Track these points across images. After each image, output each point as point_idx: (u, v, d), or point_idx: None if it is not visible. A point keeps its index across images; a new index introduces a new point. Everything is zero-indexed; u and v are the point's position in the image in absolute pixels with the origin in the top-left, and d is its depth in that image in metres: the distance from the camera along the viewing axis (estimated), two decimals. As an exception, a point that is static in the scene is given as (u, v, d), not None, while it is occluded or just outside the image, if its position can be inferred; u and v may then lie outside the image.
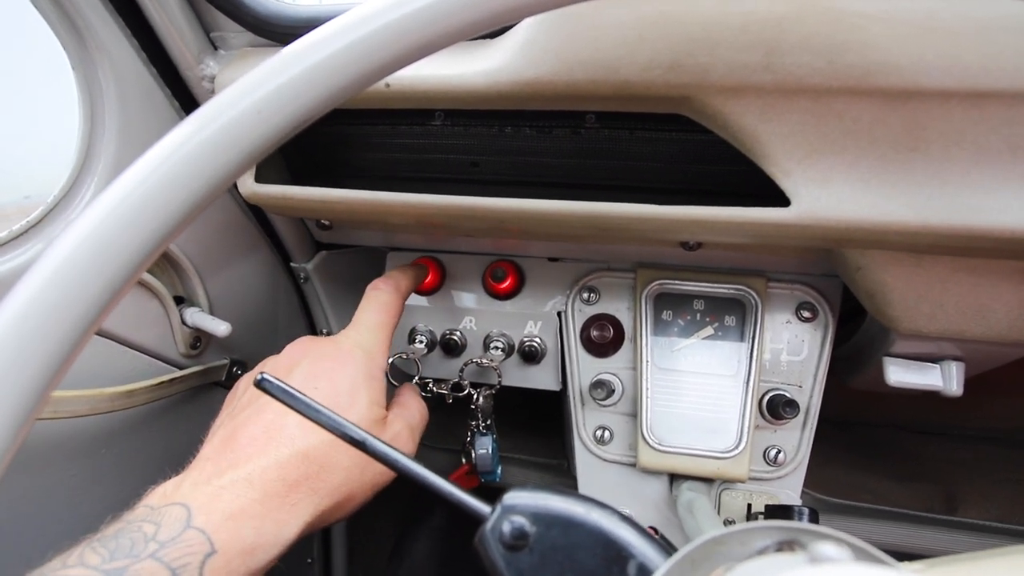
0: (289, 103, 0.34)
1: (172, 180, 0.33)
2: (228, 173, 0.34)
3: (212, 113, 0.34)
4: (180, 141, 0.33)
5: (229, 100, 0.34)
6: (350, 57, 0.34)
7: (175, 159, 0.33)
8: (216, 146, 0.33)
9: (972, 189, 0.52)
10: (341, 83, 0.35)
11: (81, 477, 0.68)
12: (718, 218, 0.59)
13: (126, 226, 0.31)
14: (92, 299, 0.30)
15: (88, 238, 0.30)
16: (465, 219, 0.69)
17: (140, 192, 0.32)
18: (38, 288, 0.29)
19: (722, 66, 0.52)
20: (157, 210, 0.32)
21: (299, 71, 0.34)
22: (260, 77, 0.34)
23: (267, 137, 0.34)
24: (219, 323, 0.77)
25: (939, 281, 0.62)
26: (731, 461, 0.74)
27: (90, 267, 0.30)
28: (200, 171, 0.33)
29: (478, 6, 0.35)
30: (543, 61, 0.56)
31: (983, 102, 0.50)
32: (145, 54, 0.68)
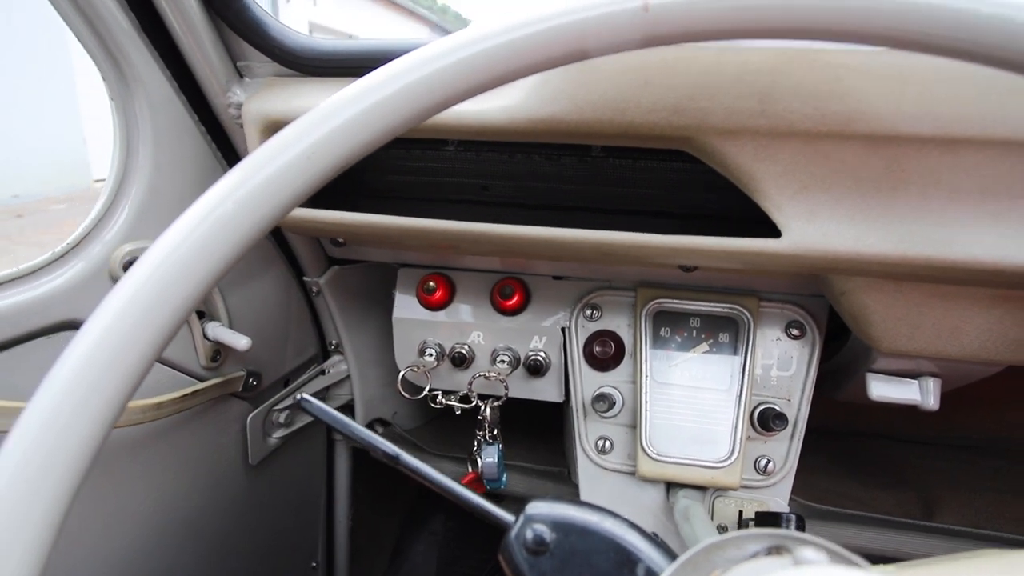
0: (337, 147, 0.39)
1: (226, 224, 0.37)
2: (277, 214, 0.38)
3: (264, 158, 0.38)
4: (233, 185, 0.37)
5: (282, 144, 0.38)
6: (394, 105, 0.39)
7: (230, 203, 0.37)
8: (265, 191, 0.38)
9: (947, 225, 0.57)
10: (382, 129, 0.39)
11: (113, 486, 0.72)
12: (714, 248, 0.63)
13: (187, 264, 0.35)
14: (157, 329, 0.34)
15: (152, 276, 0.34)
16: (475, 243, 0.73)
17: (199, 233, 0.36)
18: (110, 319, 0.33)
19: (720, 111, 0.57)
20: (215, 250, 0.36)
21: (347, 118, 0.38)
22: (310, 122, 0.38)
23: (314, 180, 0.39)
24: (239, 337, 0.80)
25: (916, 305, 0.67)
26: (724, 471, 0.79)
27: (155, 301, 0.34)
28: (252, 214, 0.37)
29: (499, 62, 0.39)
30: (557, 101, 0.60)
31: (956, 147, 0.55)
32: (176, 83, 0.72)
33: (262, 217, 0.37)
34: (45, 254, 0.63)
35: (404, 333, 0.94)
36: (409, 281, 0.94)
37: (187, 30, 0.69)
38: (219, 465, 0.90)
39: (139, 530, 0.78)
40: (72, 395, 0.32)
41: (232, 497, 0.95)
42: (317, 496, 1.21)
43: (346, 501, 1.25)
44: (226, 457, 0.92)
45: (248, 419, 0.94)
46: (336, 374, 1.09)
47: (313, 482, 1.19)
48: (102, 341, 0.33)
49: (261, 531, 1.04)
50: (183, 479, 0.84)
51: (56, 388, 0.32)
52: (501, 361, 0.88)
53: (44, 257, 0.63)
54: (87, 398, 0.32)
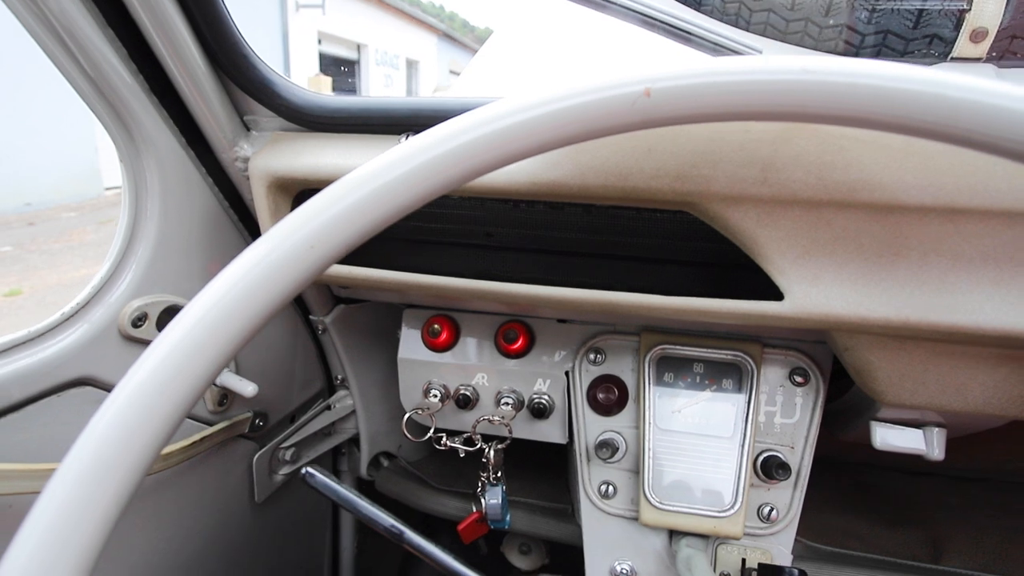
0: (340, 234, 0.40)
1: (237, 307, 0.38)
2: (283, 298, 0.39)
3: (268, 247, 0.39)
4: (248, 267, 0.38)
5: (284, 233, 0.39)
6: (392, 193, 0.40)
7: (246, 282, 0.38)
8: (275, 277, 0.39)
9: (948, 291, 0.57)
10: (385, 213, 0.40)
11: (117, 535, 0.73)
12: (717, 310, 0.64)
13: (206, 341, 0.36)
14: (182, 399, 0.36)
15: (176, 348, 0.35)
16: (479, 299, 0.74)
17: (213, 314, 0.37)
18: (139, 383, 0.34)
19: (723, 178, 0.57)
20: (228, 328, 0.37)
21: (348, 205, 0.39)
22: (313, 210, 0.39)
23: (320, 265, 0.40)
24: (246, 384, 0.81)
25: (920, 362, 0.67)
26: (727, 520, 0.79)
27: (184, 366, 0.35)
28: (258, 298, 0.38)
29: (506, 144, 0.40)
30: (559, 166, 0.61)
31: (958, 217, 0.55)
32: (184, 138, 0.73)
33: (286, 284, 0.39)
34: (54, 315, 0.64)
35: (409, 373, 0.94)
36: (414, 322, 0.94)
37: (194, 88, 0.70)
38: (225, 506, 0.91)
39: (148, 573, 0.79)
40: (101, 459, 0.33)
41: (238, 536, 0.96)
42: (323, 527, 1.22)
43: (351, 530, 1.26)
44: (232, 497, 0.93)
45: (255, 459, 0.94)
46: (342, 409, 1.10)
47: (319, 513, 1.20)
48: (131, 404, 0.34)
49: (267, 565, 1.05)
50: (188, 522, 0.85)
51: (87, 450, 0.33)
52: (505, 403, 0.89)
53: (54, 318, 0.64)
54: (116, 461, 0.34)
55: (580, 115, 0.40)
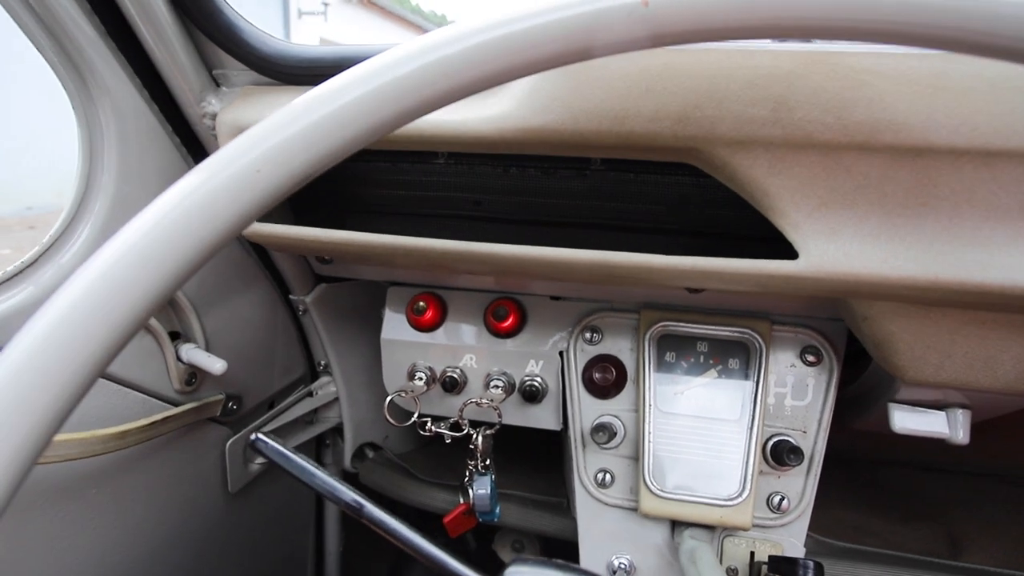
0: (290, 161, 0.34)
1: (174, 234, 0.32)
2: (229, 230, 0.33)
3: (212, 170, 0.33)
4: (183, 195, 0.33)
5: (229, 157, 0.34)
6: (352, 115, 0.34)
7: (178, 212, 0.32)
8: (217, 202, 0.33)
9: (982, 246, 0.51)
10: (342, 141, 0.34)
11: (67, 521, 0.66)
12: (725, 269, 0.58)
13: (131, 277, 0.31)
14: (98, 347, 0.30)
15: (94, 287, 0.30)
16: (468, 263, 0.68)
17: (144, 244, 0.31)
18: (42, 335, 0.28)
19: (730, 119, 0.52)
20: (160, 263, 0.31)
21: (300, 129, 0.33)
22: (261, 134, 0.34)
23: (266, 195, 0.34)
24: (215, 360, 0.75)
25: (947, 332, 0.61)
26: (734, 509, 0.73)
27: (96, 315, 0.29)
28: (203, 227, 0.33)
29: (482, 65, 0.34)
30: (549, 109, 0.55)
31: (994, 161, 0.49)
32: (147, 92, 0.68)
33: (216, 228, 0.33)
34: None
35: (393, 355, 0.88)
36: (399, 300, 0.89)
37: (157, 36, 0.64)
38: (195, 495, 0.85)
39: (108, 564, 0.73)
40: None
41: (210, 528, 0.89)
42: (305, 524, 1.16)
43: (336, 528, 1.20)
44: (203, 486, 0.86)
45: (227, 445, 0.88)
46: (324, 396, 1.04)
47: (301, 509, 1.13)
48: (32, 356, 0.28)
49: (243, 563, 0.98)
50: (154, 511, 0.79)
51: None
52: (495, 386, 0.83)
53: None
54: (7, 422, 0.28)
55: (566, 31, 0.34)
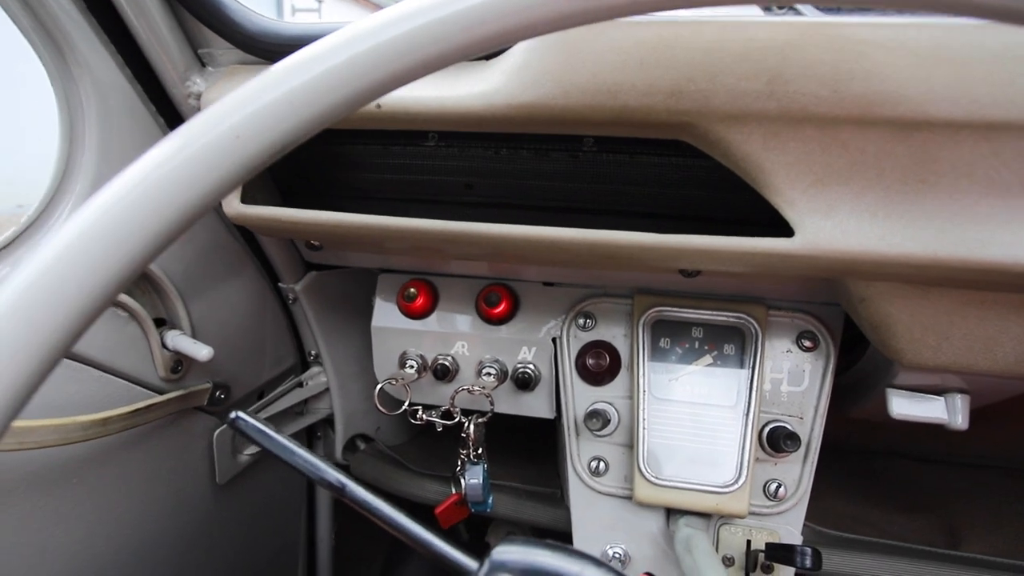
0: (271, 127, 0.32)
1: (147, 204, 0.31)
2: (205, 199, 0.32)
3: (189, 137, 0.32)
4: (157, 163, 0.31)
5: (206, 123, 0.32)
6: (337, 80, 0.32)
7: (151, 181, 0.31)
8: (194, 170, 0.31)
9: (982, 223, 0.50)
10: (326, 106, 0.33)
11: (47, 512, 0.65)
12: (720, 248, 0.57)
13: (98, 250, 0.29)
14: (61, 324, 0.28)
15: (58, 260, 0.28)
16: (460, 244, 0.67)
17: (113, 214, 0.30)
18: (4, 311, 0.27)
19: (724, 93, 0.51)
20: (129, 235, 0.30)
21: (282, 93, 0.32)
22: (240, 99, 0.32)
23: (245, 163, 0.32)
24: (200, 347, 0.74)
25: (945, 314, 0.60)
26: (730, 496, 0.71)
27: (60, 291, 0.28)
28: (177, 195, 0.31)
29: (471, 29, 0.33)
30: (540, 84, 0.54)
31: (994, 134, 0.48)
32: (129, 70, 0.66)
33: (190, 199, 0.31)
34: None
35: (384, 343, 0.87)
36: (390, 287, 0.87)
37: (139, 13, 0.63)
38: (182, 485, 0.84)
39: (87, 558, 0.71)
40: None
41: (198, 520, 0.88)
42: (296, 515, 1.14)
43: (328, 518, 1.18)
44: (190, 476, 0.85)
45: (215, 435, 0.87)
46: (315, 386, 1.02)
47: (292, 500, 1.12)
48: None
49: (233, 555, 0.97)
50: (140, 502, 0.77)
51: None
52: (487, 374, 0.82)
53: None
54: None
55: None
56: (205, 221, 0.80)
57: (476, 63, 0.60)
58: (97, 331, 0.68)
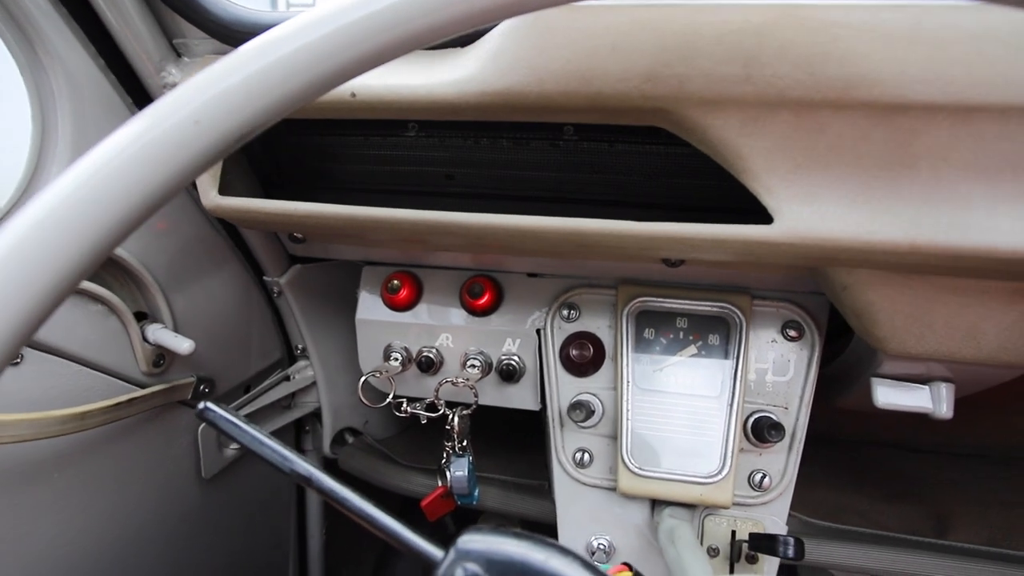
0: (233, 112, 0.32)
1: (109, 188, 0.30)
2: (170, 184, 0.31)
3: (148, 122, 0.31)
4: (115, 150, 0.30)
5: (164, 110, 0.31)
6: (299, 64, 0.32)
7: (108, 169, 0.30)
8: (149, 158, 0.31)
9: (961, 207, 0.50)
10: (291, 91, 0.32)
11: (25, 507, 0.64)
12: (699, 235, 0.56)
13: (58, 235, 0.29)
14: (21, 312, 0.28)
15: (17, 248, 0.28)
16: (441, 235, 0.66)
17: (74, 200, 0.29)
18: None
19: (700, 77, 0.50)
20: (91, 220, 0.29)
21: (243, 77, 0.31)
22: (200, 83, 0.31)
23: (206, 150, 0.32)
24: (182, 340, 0.73)
25: (927, 301, 0.60)
26: (714, 486, 0.71)
27: (19, 278, 0.27)
28: (140, 180, 0.30)
29: (435, 11, 0.32)
30: (513, 71, 0.53)
31: (972, 116, 0.48)
32: (103, 60, 0.66)
33: (155, 183, 0.31)
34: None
35: (368, 336, 0.86)
36: (374, 280, 0.87)
37: (111, 2, 0.62)
38: (167, 480, 0.83)
39: (67, 554, 0.71)
40: None
41: (184, 514, 0.87)
42: (286, 510, 1.14)
43: (319, 514, 1.18)
44: (175, 471, 0.85)
45: (199, 429, 0.86)
46: (302, 380, 1.02)
47: (281, 495, 1.12)
48: None
49: (221, 551, 0.97)
50: (123, 496, 0.77)
51: None
52: (471, 366, 0.81)
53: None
54: None
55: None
56: (186, 213, 0.79)
57: (451, 50, 0.59)
58: (76, 325, 0.68)
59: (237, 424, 0.40)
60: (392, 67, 0.58)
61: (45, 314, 0.29)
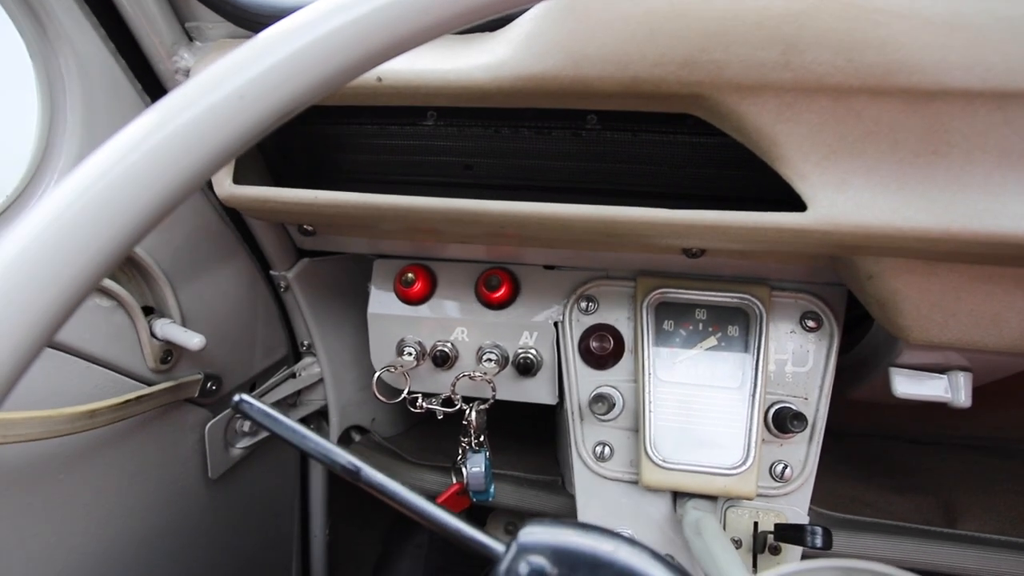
0: (279, 87, 0.30)
1: (136, 177, 0.28)
2: (201, 169, 0.29)
3: (185, 100, 0.30)
4: (147, 131, 0.29)
5: (206, 84, 0.30)
6: (350, 37, 0.30)
7: (141, 151, 0.28)
8: (188, 137, 0.29)
9: (995, 194, 0.50)
10: (326, 74, 0.31)
11: (34, 507, 0.62)
12: (730, 223, 0.56)
13: (81, 230, 0.27)
14: (41, 312, 0.26)
15: (35, 244, 0.26)
16: (460, 223, 0.65)
17: (98, 190, 0.27)
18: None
19: (738, 63, 0.49)
20: (117, 213, 0.28)
21: (292, 51, 0.30)
22: (244, 58, 0.30)
23: (249, 128, 0.30)
24: (192, 335, 0.71)
25: (953, 289, 0.60)
26: (738, 478, 0.71)
27: (39, 275, 0.26)
28: (169, 166, 0.29)
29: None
30: (549, 55, 0.52)
31: (1009, 103, 0.48)
32: (113, 44, 0.63)
33: (183, 170, 0.29)
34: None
35: (380, 330, 0.85)
36: (386, 273, 0.85)
37: (122, -19, 0.60)
38: (174, 480, 0.81)
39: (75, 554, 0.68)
40: None
41: (190, 514, 0.85)
42: (290, 510, 1.12)
43: (322, 514, 1.16)
44: (182, 471, 0.82)
45: (207, 428, 0.84)
46: (308, 377, 1.00)
47: (284, 494, 1.09)
48: None
49: (226, 550, 0.94)
50: (130, 496, 0.74)
51: None
52: (488, 360, 0.80)
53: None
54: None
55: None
56: (194, 205, 0.77)
57: (480, 35, 0.58)
58: (83, 320, 0.65)
59: (276, 417, 0.39)
60: (418, 53, 0.57)
61: (67, 313, 0.28)
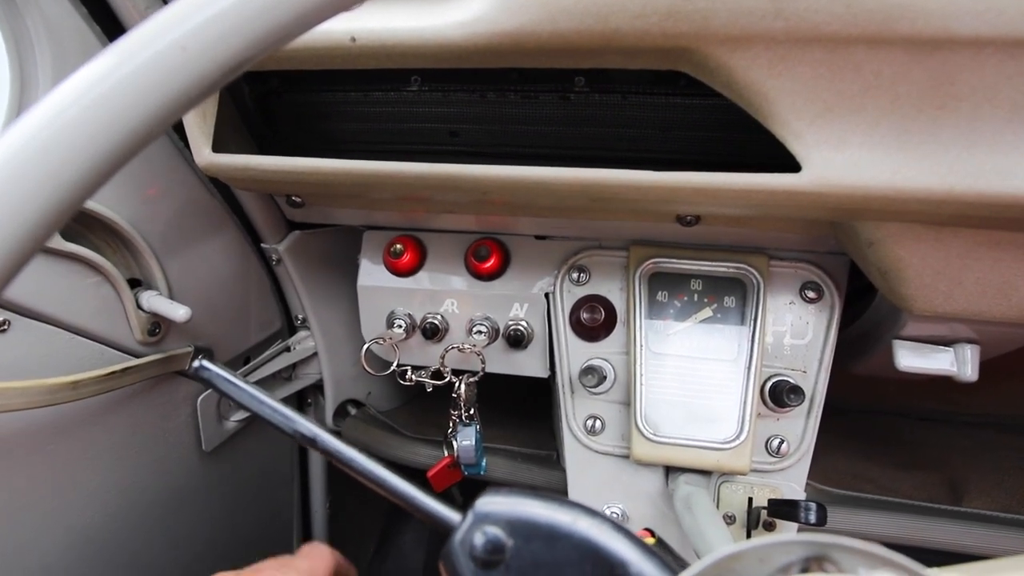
0: (223, 39, 0.28)
1: (80, 129, 0.26)
2: (146, 126, 0.28)
3: (124, 52, 0.28)
4: (91, 81, 0.27)
5: (145, 36, 0.28)
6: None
7: (82, 104, 0.27)
8: (126, 92, 0.27)
9: (1004, 152, 0.47)
10: (285, 19, 0.28)
11: (22, 479, 0.62)
12: (722, 185, 0.53)
13: (24, 183, 0.25)
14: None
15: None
16: (446, 189, 0.63)
17: (39, 143, 0.26)
18: None
19: (725, 12, 0.46)
20: (60, 166, 0.26)
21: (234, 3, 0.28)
22: (187, 9, 0.28)
23: (193, 82, 0.28)
24: (177, 307, 0.70)
25: (958, 256, 0.57)
26: (731, 452, 0.69)
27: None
28: (114, 120, 0.27)
29: None
30: (524, 9, 0.49)
31: (1021, 52, 0.44)
32: (85, 8, 0.61)
33: (127, 123, 0.27)
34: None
35: (370, 302, 0.84)
36: (375, 245, 0.84)
37: (90, -60, 0.58)
38: (166, 453, 0.81)
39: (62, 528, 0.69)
40: None
41: (184, 488, 0.86)
42: (289, 484, 1.13)
43: (322, 487, 1.16)
44: (174, 444, 0.82)
45: (198, 401, 0.84)
46: (302, 351, 1.00)
47: (283, 468, 1.10)
48: None
49: (223, 525, 0.95)
50: (121, 469, 0.75)
51: None
52: (478, 332, 0.78)
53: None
54: None
55: None
56: (178, 175, 0.76)
57: (456, -11, 0.55)
58: (67, 292, 0.65)
59: (233, 382, 0.38)
60: (393, 11, 0.55)
61: (14, 269, 0.26)
